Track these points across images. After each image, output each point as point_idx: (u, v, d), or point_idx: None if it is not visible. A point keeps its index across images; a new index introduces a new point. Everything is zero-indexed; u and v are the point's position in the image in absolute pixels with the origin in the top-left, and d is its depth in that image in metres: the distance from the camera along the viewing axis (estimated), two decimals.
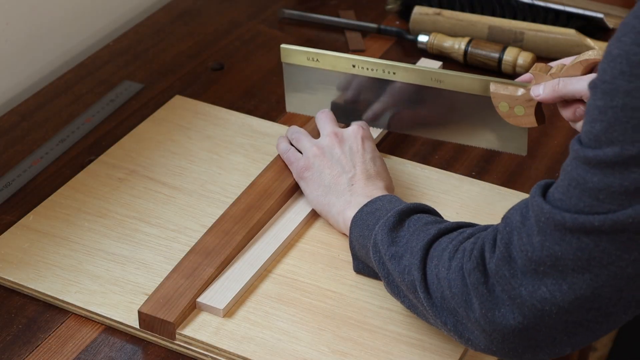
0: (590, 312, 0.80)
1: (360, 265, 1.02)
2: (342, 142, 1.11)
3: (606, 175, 0.76)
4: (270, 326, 0.98)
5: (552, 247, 0.79)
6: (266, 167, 1.15)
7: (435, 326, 0.92)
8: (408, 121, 1.19)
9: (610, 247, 0.77)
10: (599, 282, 0.78)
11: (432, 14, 1.43)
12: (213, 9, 1.54)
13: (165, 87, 1.35)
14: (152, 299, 0.98)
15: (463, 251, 0.87)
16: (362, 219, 1.01)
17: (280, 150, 1.15)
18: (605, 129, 0.76)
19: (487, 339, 0.85)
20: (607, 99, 0.76)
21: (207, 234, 1.06)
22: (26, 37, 1.35)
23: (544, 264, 0.80)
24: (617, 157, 0.76)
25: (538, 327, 0.82)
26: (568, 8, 1.44)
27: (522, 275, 0.81)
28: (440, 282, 0.88)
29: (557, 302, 0.80)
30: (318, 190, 1.09)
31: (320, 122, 1.16)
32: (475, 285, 0.84)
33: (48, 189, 1.16)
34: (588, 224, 0.77)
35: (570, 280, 0.79)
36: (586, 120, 0.79)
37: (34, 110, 1.30)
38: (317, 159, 1.10)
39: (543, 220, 0.80)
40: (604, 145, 0.76)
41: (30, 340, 0.98)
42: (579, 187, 0.78)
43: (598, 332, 0.82)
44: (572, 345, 0.83)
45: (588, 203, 0.78)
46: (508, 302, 0.82)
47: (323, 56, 1.18)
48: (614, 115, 0.76)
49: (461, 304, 0.86)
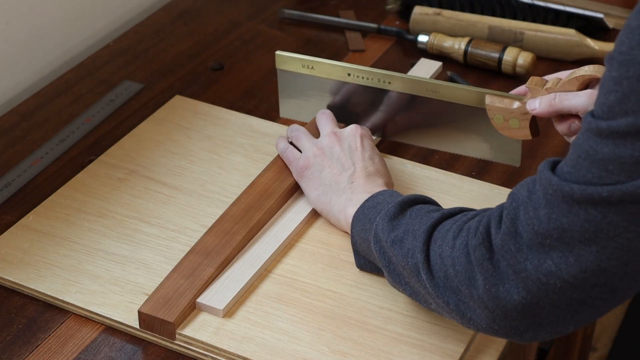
0: (595, 288, 0.80)
1: (361, 260, 1.02)
2: (341, 141, 1.11)
3: (617, 145, 0.77)
4: (270, 326, 0.98)
5: (559, 219, 0.80)
6: (266, 167, 1.15)
7: (437, 311, 0.92)
8: (401, 129, 1.20)
9: (617, 219, 0.77)
10: (605, 254, 0.78)
11: (432, 14, 1.43)
12: (213, 9, 1.54)
13: (165, 87, 1.35)
14: (152, 299, 0.98)
15: (468, 229, 0.87)
16: (364, 213, 1.01)
17: (279, 149, 1.15)
18: (620, 100, 0.76)
19: (489, 316, 0.85)
20: (623, 70, 0.76)
21: (207, 234, 1.06)
22: (26, 37, 1.35)
23: (550, 237, 0.80)
24: (630, 127, 0.76)
25: (542, 303, 0.82)
26: (568, 8, 1.44)
27: (527, 249, 0.82)
28: (444, 261, 0.88)
29: (562, 276, 0.80)
30: (318, 190, 1.09)
31: (320, 122, 1.16)
32: (480, 261, 0.84)
33: (48, 189, 1.16)
34: (596, 195, 0.77)
35: (577, 252, 0.79)
36: (600, 93, 0.79)
37: (34, 110, 1.30)
38: (317, 159, 1.10)
39: (550, 193, 0.80)
40: (617, 116, 0.77)
41: (30, 340, 0.98)
42: (588, 159, 0.78)
43: (601, 309, 0.82)
44: (575, 324, 0.83)
45: (597, 174, 0.78)
46: (513, 277, 0.82)
47: (318, 64, 1.18)
48: (630, 85, 0.76)
49: (464, 282, 0.85)
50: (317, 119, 1.17)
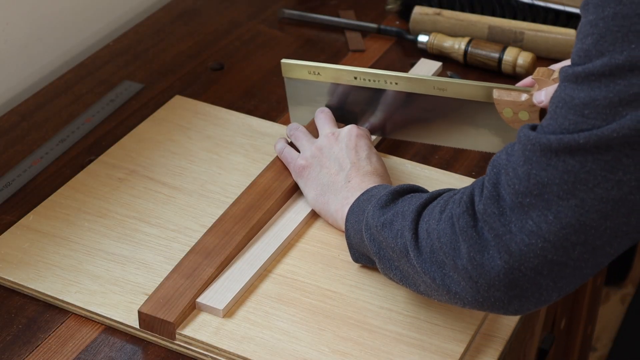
0: (577, 247, 0.80)
1: (356, 254, 1.02)
2: (339, 141, 1.11)
3: (592, 89, 0.77)
4: (270, 326, 0.98)
5: (538, 174, 0.80)
6: (266, 167, 1.15)
7: (427, 293, 0.92)
8: (403, 126, 1.20)
9: (595, 168, 0.77)
10: (584, 207, 0.78)
11: (432, 14, 1.43)
12: (213, 9, 1.54)
13: (165, 87, 1.35)
14: (152, 299, 0.98)
15: (453, 202, 0.88)
16: (358, 206, 1.01)
17: (277, 150, 1.15)
18: (595, 41, 0.77)
19: (474, 287, 0.85)
20: (599, 11, 0.76)
21: (207, 234, 1.06)
22: (26, 37, 1.35)
23: (530, 194, 0.80)
24: (604, 68, 0.76)
25: (523, 268, 0.81)
26: (568, 8, 1.44)
27: (510, 212, 0.81)
28: (430, 236, 0.88)
29: (542, 234, 0.80)
30: (316, 190, 1.09)
31: (319, 122, 1.16)
32: (464, 229, 0.84)
33: (48, 189, 1.16)
34: (573, 143, 0.77)
35: (556, 209, 0.79)
36: (577, 39, 0.79)
37: (34, 110, 1.30)
38: (315, 159, 1.10)
39: (529, 149, 0.80)
40: (594, 58, 0.77)
41: (30, 340, 0.98)
42: (565, 106, 0.79)
43: (584, 271, 0.82)
44: (558, 290, 0.83)
45: (573, 120, 0.78)
46: (494, 242, 0.82)
47: (324, 69, 1.17)
48: (605, 25, 0.76)
49: (449, 253, 0.85)
50: (316, 119, 1.17)
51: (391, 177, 1.14)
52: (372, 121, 1.20)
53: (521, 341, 1.15)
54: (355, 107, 1.19)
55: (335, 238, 1.08)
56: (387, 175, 1.10)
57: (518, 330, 1.01)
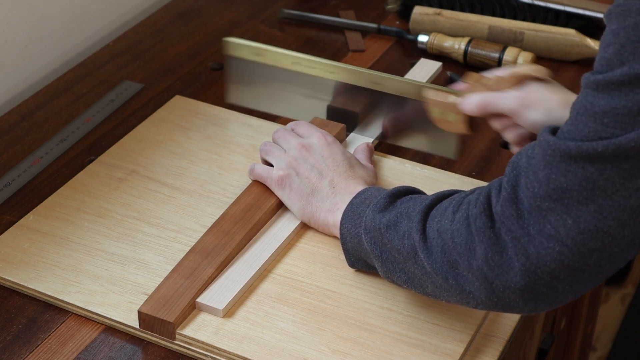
0: (593, 253, 0.80)
1: (352, 259, 1.02)
2: (312, 153, 1.09)
3: (612, 97, 0.77)
4: (270, 326, 0.98)
5: (557, 180, 0.80)
6: None
7: (434, 294, 0.92)
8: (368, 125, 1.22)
9: (614, 175, 0.78)
10: (602, 213, 0.79)
11: (432, 14, 1.43)
12: (213, 9, 1.54)
13: (165, 87, 1.35)
14: (152, 299, 0.98)
15: (468, 203, 0.88)
16: (353, 210, 1.01)
17: (249, 174, 1.13)
18: (617, 51, 0.77)
19: (489, 288, 0.85)
20: (621, 21, 0.77)
21: (207, 234, 1.06)
22: (26, 37, 1.35)
23: (549, 198, 0.81)
24: (624, 77, 0.76)
25: (540, 272, 0.82)
26: (568, 8, 1.44)
27: (528, 215, 0.82)
28: (442, 235, 0.88)
29: (561, 238, 0.80)
30: (301, 201, 1.07)
31: (280, 140, 1.13)
32: (481, 230, 0.84)
33: (48, 189, 1.16)
34: (592, 150, 0.78)
35: (575, 213, 0.80)
36: (600, 47, 0.80)
37: (34, 110, 1.30)
38: (291, 169, 1.09)
39: (549, 154, 0.81)
40: (615, 67, 0.77)
41: (30, 340, 0.98)
42: (585, 113, 0.79)
43: (599, 276, 0.82)
44: (573, 293, 0.84)
45: (593, 128, 0.78)
46: (512, 245, 0.83)
47: (266, 51, 1.19)
48: (626, 34, 0.77)
49: (463, 253, 0.85)
50: (276, 139, 1.14)
51: (391, 177, 1.15)
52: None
53: (521, 341, 1.14)
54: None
55: (335, 238, 1.08)
56: (370, 174, 1.10)
57: (518, 330, 1.01)
